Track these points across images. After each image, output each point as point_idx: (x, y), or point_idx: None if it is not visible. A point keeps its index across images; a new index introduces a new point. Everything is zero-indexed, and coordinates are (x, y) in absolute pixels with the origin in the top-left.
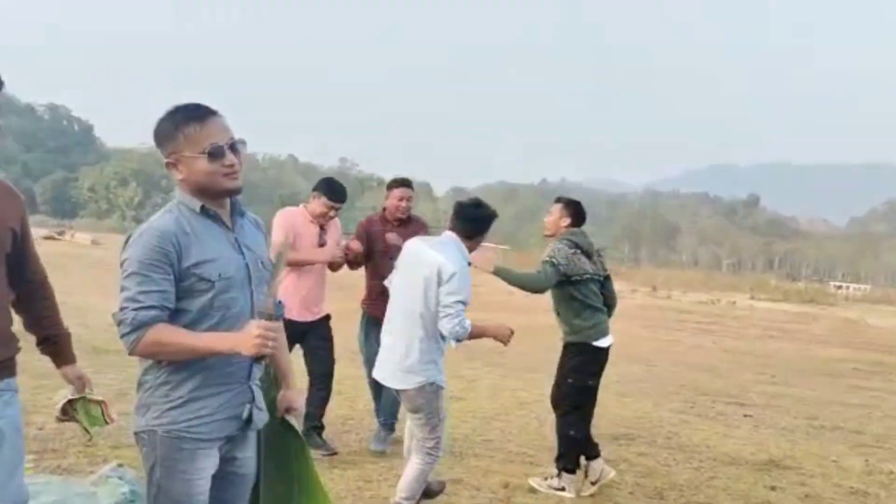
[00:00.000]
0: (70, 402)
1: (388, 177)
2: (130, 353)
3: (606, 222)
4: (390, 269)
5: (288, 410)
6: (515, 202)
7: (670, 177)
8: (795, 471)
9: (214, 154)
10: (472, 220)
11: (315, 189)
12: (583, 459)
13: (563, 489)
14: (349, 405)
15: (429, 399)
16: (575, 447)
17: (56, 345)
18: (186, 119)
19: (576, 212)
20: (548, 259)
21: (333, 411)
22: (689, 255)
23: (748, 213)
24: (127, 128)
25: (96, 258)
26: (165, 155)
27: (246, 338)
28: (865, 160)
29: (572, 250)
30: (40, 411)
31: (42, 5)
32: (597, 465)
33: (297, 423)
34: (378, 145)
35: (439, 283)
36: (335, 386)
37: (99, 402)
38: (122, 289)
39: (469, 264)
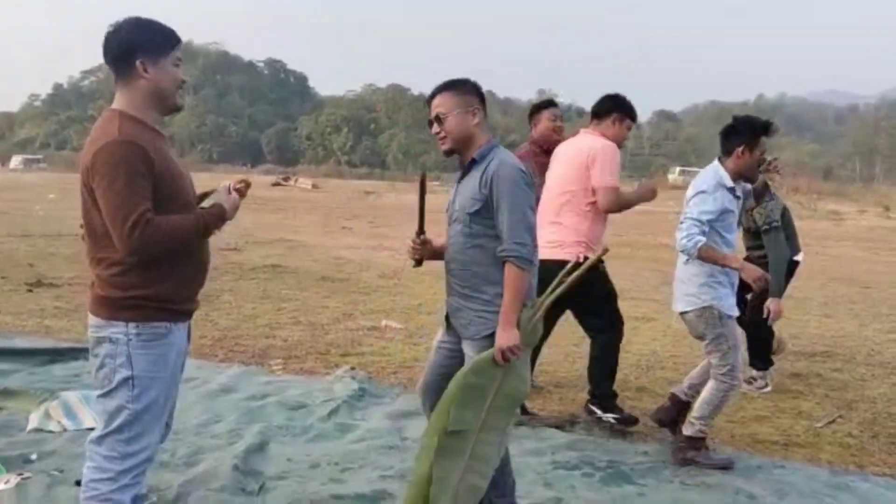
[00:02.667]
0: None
1: (588, 106)
2: None
3: (834, 139)
4: None
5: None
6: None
7: None
8: None
9: (430, 125)
10: (726, 134)
11: (614, 110)
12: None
13: (766, 386)
14: None
15: (710, 324)
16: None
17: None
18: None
19: None
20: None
21: None
22: None
23: None
24: (337, 77)
25: (318, 201)
26: None
27: None
28: None
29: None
30: (283, 327)
31: None
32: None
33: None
34: (575, 76)
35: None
36: None
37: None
38: None
39: (731, 189)
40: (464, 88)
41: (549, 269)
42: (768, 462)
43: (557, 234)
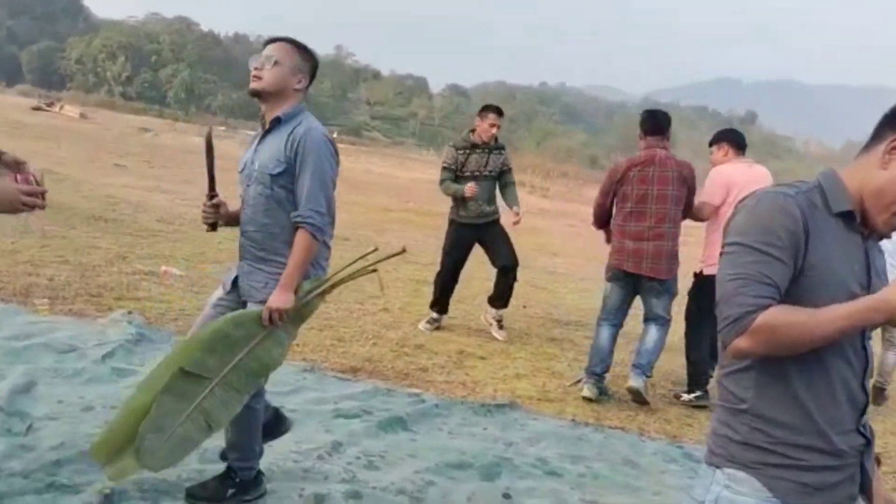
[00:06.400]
0: None
1: (385, 69)
2: None
3: (603, 131)
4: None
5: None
6: (513, 105)
7: (672, 87)
8: None
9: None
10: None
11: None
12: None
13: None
14: None
15: None
16: None
17: None
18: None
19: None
20: None
21: None
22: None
23: (745, 129)
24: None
25: (86, 132)
26: None
27: None
28: (872, 83)
29: None
30: (48, 265)
31: None
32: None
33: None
34: (374, 36)
35: None
36: None
37: None
38: None
39: None
40: (306, 55)
41: None
42: (524, 414)
43: None
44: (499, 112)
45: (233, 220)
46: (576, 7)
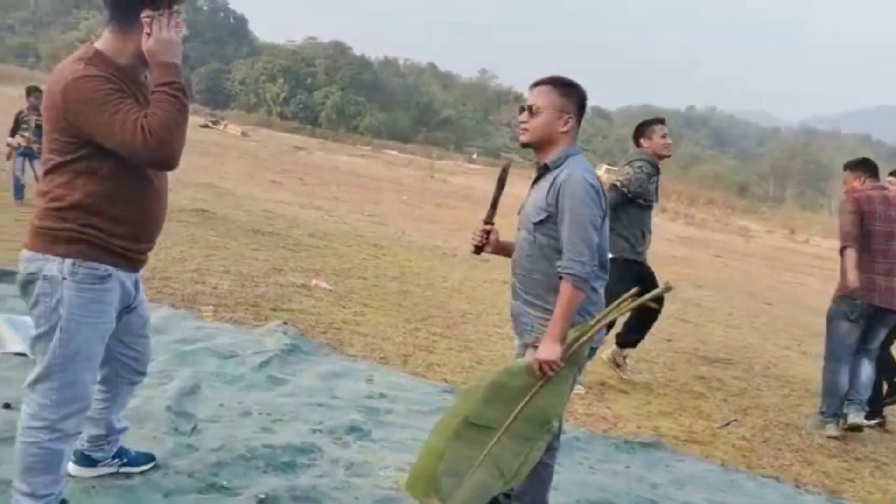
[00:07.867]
0: None
1: (527, 92)
2: None
3: (754, 157)
4: None
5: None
6: None
7: (831, 115)
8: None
9: (521, 111)
10: None
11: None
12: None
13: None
14: (468, 301)
15: None
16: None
17: None
18: None
19: None
20: None
21: (454, 305)
22: (839, 201)
23: None
24: (278, 24)
25: (246, 150)
26: None
27: None
28: None
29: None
30: (212, 274)
31: None
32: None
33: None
34: (518, 60)
35: None
36: (457, 285)
37: None
38: None
39: None
40: (568, 91)
41: None
42: (669, 455)
43: None
44: (663, 121)
45: (500, 250)
46: (727, 30)
